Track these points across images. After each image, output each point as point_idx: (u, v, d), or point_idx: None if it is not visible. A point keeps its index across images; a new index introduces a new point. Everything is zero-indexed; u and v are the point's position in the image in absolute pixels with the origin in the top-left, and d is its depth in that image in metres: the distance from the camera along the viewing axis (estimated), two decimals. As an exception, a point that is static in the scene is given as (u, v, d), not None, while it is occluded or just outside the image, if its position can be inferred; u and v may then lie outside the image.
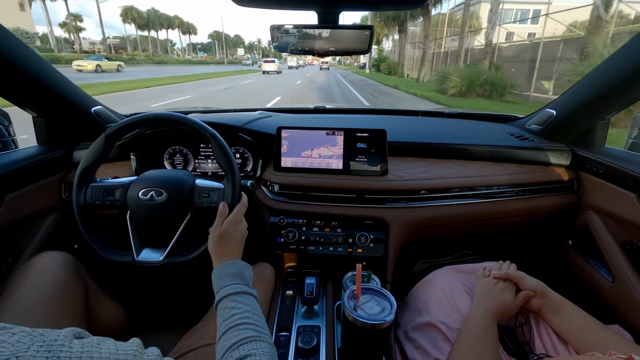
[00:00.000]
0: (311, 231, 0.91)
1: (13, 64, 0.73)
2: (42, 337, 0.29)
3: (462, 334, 0.63)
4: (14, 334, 0.28)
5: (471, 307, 0.68)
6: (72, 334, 0.31)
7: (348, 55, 0.79)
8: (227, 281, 0.57)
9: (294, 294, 0.84)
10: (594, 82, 0.85)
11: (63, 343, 0.29)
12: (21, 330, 0.29)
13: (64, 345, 0.28)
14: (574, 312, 0.63)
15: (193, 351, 0.63)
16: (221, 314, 0.52)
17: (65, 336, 0.30)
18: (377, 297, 0.65)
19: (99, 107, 1.03)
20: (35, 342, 0.28)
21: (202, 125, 0.72)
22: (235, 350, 0.45)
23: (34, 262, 0.69)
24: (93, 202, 0.73)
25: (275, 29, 0.72)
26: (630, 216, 0.78)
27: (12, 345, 0.26)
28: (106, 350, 0.30)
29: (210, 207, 0.72)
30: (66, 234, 0.98)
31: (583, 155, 0.95)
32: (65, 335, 0.30)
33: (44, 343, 0.28)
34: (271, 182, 0.94)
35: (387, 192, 0.90)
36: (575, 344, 0.60)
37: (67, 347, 0.28)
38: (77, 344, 0.29)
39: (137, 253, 0.71)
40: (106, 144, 0.73)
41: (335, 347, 0.69)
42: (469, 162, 0.99)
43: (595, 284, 0.90)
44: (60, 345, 0.28)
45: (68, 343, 0.29)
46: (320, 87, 13.68)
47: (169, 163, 1.06)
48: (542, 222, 1.03)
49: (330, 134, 0.92)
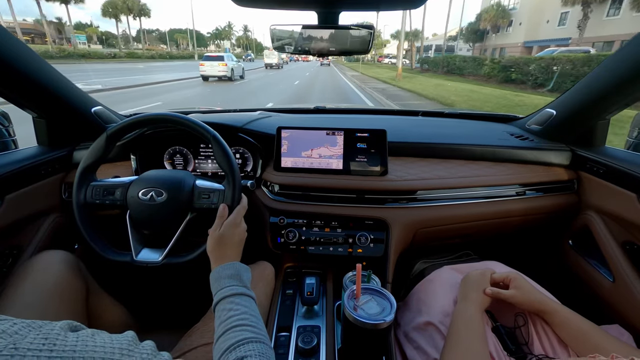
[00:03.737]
0: (311, 231, 0.90)
1: (13, 64, 0.73)
2: (40, 328, 0.29)
3: (449, 331, 0.63)
4: (14, 323, 0.29)
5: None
6: (68, 326, 0.32)
7: (348, 55, 0.79)
8: (225, 283, 0.57)
9: (294, 294, 0.84)
10: (594, 82, 0.85)
11: (59, 332, 0.29)
12: (22, 321, 0.29)
13: (59, 334, 0.29)
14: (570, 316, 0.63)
15: (192, 350, 0.63)
16: (219, 315, 0.52)
17: (61, 327, 0.30)
18: (377, 297, 0.65)
19: (99, 107, 1.03)
20: (32, 332, 0.28)
21: (202, 125, 0.72)
22: (233, 351, 0.45)
23: (34, 262, 0.69)
24: (93, 201, 0.73)
25: (275, 29, 0.72)
26: (631, 216, 0.78)
27: (10, 337, 0.27)
28: (100, 341, 0.31)
29: (210, 208, 0.72)
30: (66, 234, 0.98)
31: (583, 155, 0.95)
32: (62, 327, 0.30)
33: (41, 332, 0.28)
34: (271, 182, 0.94)
35: (387, 192, 0.90)
36: (574, 347, 0.60)
37: (62, 336, 0.29)
38: (72, 336, 0.30)
39: (136, 253, 0.72)
40: (107, 143, 0.73)
41: (335, 347, 0.69)
42: (469, 162, 0.99)
43: (595, 284, 0.90)
44: (57, 334, 0.29)
45: (64, 333, 0.29)
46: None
47: (169, 163, 1.06)
48: (542, 222, 1.02)
49: (330, 134, 0.92)
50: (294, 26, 0.72)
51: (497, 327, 0.68)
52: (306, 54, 0.75)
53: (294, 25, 0.72)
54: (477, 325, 0.62)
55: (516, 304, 0.67)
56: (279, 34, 0.74)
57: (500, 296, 0.67)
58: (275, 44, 0.75)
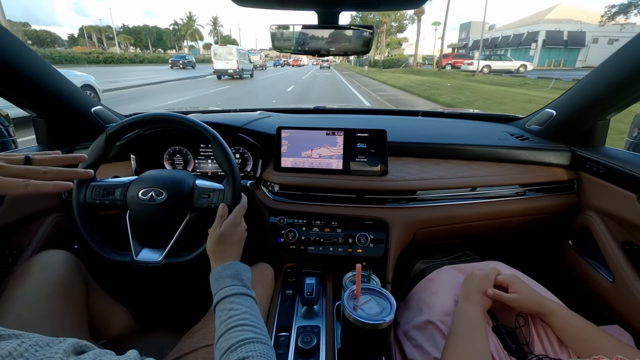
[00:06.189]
0: (311, 231, 0.90)
1: (13, 64, 0.73)
2: (47, 347, 0.29)
3: (451, 330, 0.63)
4: (22, 342, 0.28)
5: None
6: (73, 348, 0.32)
7: (348, 55, 0.79)
8: (225, 283, 0.57)
9: (294, 294, 0.84)
10: (594, 82, 0.85)
11: (62, 357, 0.29)
12: (29, 339, 0.29)
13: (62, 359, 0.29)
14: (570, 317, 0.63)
15: (193, 352, 0.63)
16: (219, 315, 0.52)
17: (65, 351, 0.30)
18: (377, 297, 0.65)
19: (99, 107, 1.03)
20: (38, 352, 0.28)
21: (202, 125, 0.72)
22: (233, 352, 0.45)
23: (34, 262, 0.69)
24: (93, 201, 0.73)
25: (275, 29, 0.72)
26: (630, 216, 0.78)
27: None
28: None
29: (209, 208, 0.72)
30: (66, 234, 0.97)
31: (583, 155, 0.95)
32: (66, 350, 0.30)
33: (45, 356, 0.28)
34: (271, 182, 0.94)
35: (387, 193, 0.90)
36: (574, 348, 0.60)
37: None
38: None
39: (136, 253, 0.71)
40: (107, 143, 0.73)
41: (335, 347, 0.69)
42: (469, 163, 0.99)
43: (595, 284, 0.90)
44: (60, 359, 0.29)
45: (66, 358, 0.29)
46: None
47: (169, 163, 1.05)
48: (542, 223, 1.02)
49: (330, 134, 0.92)
50: (293, 26, 0.72)
51: (498, 326, 0.68)
52: (306, 53, 0.75)
53: (294, 25, 0.72)
54: (479, 325, 0.62)
55: (516, 307, 0.67)
56: (279, 34, 0.74)
57: (502, 299, 0.67)
58: (275, 44, 0.75)
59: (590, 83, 0.86)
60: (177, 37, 78.62)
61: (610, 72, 0.79)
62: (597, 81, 0.84)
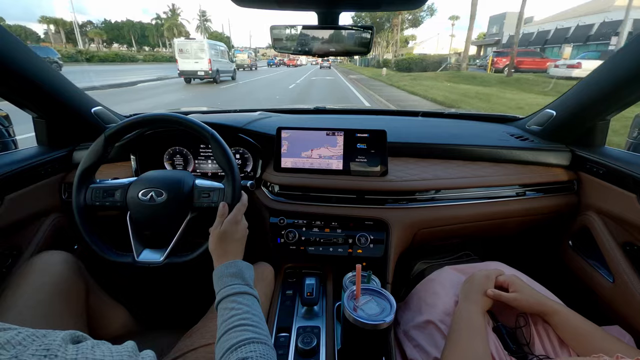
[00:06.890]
0: (311, 232, 0.90)
1: (13, 64, 0.73)
2: (43, 337, 0.30)
3: (451, 330, 0.64)
4: (19, 332, 0.29)
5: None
6: (70, 337, 0.32)
7: (348, 55, 0.79)
8: (228, 281, 0.57)
9: (294, 294, 0.84)
10: (594, 82, 0.85)
11: (60, 344, 0.29)
12: (26, 330, 0.30)
13: (60, 346, 0.29)
14: (571, 317, 0.63)
15: (193, 351, 0.63)
16: (221, 314, 0.52)
17: (63, 339, 0.30)
18: (377, 297, 0.65)
19: (99, 107, 1.03)
20: (35, 342, 0.29)
21: (202, 125, 0.72)
22: (234, 352, 0.45)
23: (34, 262, 0.69)
24: (93, 202, 0.73)
25: (275, 29, 0.72)
26: (630, 217, 0.78)
27: (13, 348, 0.27)
28: (100, 353, 0.31)
29: (210, 207, 0.72)
30: (66, 234, 0.98)
31: (583, 155, 0.95)
32: (64, 338, 0.31)
33: (43, 343, 0.29)
34: (271, 182, 0.94)
35: (387, 193, 0.90)
36: (575, 347, 0.60)
37: (63, 349, 0.29)
38: (72, 348, 0.30)
39: (138, 254, 0.71)
40: (106, 144, 0.73)
41: (335, 347, 0.69)
42: (469, 163, 0.99)
43: (595, 285, 0.90)
44: (58, 346, 0.29)
45: (64, 345, 0.30)
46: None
47: (169, 164, 1.05)
48: (542, 223, 1.02)
49: (330, 135, 0.92)
50: (293, 27, 0.72)
51: (498, 326, 0.68)
52: (306, 54, 0.75)
53: (294, 26, 0.72)
54: (479, 325, 0.62)
55: (517, 307, 0.67)
56: (279, 35, 0.74)
57: (502, 299, 0.67)
58: (275, 44, 0.75)
59: (590, 83, 0.86)
60: (159, 33, 72.03)
61: (610, 73, 0.79)
62: (598, 81, 0.84)
